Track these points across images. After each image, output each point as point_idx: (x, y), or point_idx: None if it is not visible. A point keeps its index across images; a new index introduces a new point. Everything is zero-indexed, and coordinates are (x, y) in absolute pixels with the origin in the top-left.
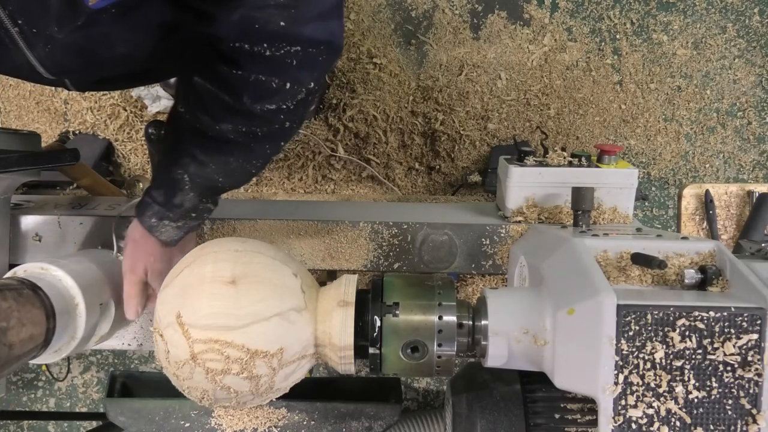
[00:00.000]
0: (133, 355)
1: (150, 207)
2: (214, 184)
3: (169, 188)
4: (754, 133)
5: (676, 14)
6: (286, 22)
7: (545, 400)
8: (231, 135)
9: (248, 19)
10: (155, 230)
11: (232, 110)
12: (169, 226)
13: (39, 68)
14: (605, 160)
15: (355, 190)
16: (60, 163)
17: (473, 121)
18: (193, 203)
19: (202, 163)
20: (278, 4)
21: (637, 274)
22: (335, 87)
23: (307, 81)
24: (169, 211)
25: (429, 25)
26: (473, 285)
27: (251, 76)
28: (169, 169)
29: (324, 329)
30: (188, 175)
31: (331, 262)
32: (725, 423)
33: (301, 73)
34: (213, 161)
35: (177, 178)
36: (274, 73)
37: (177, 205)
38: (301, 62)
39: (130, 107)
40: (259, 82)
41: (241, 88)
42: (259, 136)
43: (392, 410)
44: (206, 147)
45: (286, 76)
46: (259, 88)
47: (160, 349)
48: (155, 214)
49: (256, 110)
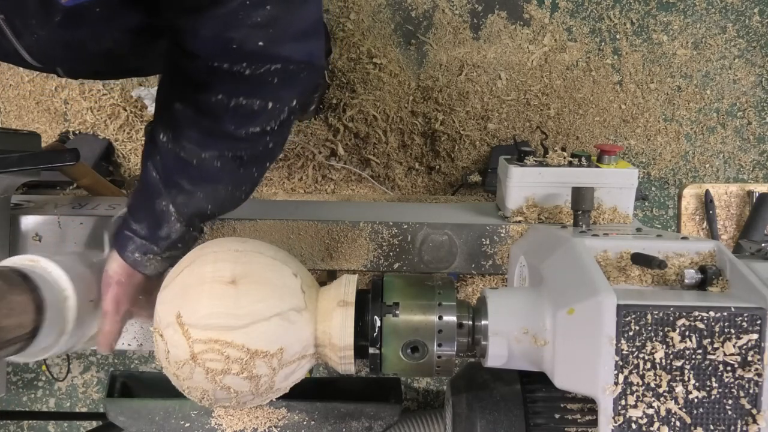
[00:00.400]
0: (133, 355)
1: (132, 241)
2: (203, 212)
3: (153, 221)
4: (754, 133)
5: (676, 14)
6: (264, 41)
7: (545, 400)
8: (217, 162)
9: (225, 39)
10: (139, 265)
11: (217, 136)
12: (154, 260)
13: (26, 57)
14: (605, 160)
15: (355, 190)
16: (60, 163)
17: (473, 121)
18: (180, 233)
19: (190, 193)
20: (255, 24)
21: (637, 274)
22: (335, 87)
23: (289, 99)
24: (154, 244)
25: (429, 25)
26: (473, 285)
27: (232, 100)
28: (152, 201)
29: (324, 329)
30: (174, 205)
31: (331, 262)
32: (725, 423)
33: (283, 91)
34: (201, 190)
35: (162, 209)
36: (255, 93)
37: (163, 237)
38: (282, 80)
39: (130, 107)
40: (239, 105)
41: (223, 114)
42: (245, 161)
43: (392, 410)
44: (192, 176)
45: (268, 96)
46: (241, 112)
47: (160, 349)
48: (138, 248)
49: (240, 135)
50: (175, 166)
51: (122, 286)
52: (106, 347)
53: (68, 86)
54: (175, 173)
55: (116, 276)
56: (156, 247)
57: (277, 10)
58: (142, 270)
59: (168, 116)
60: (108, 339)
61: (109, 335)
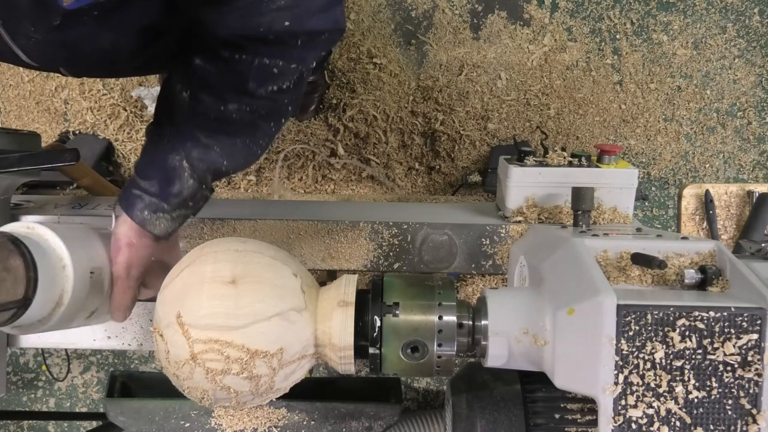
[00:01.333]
0: (133, 355)
1: (140, 199)
2: (218, 167)
3: (166, 176)
4: (754, 133)
5: (676, 14)
6: (291, 21)
7: (545, 400)
8: (235, 115)
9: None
10: (148, 224)
11: (238, 91)
12: (163, 218)
13: (24, 58)
14: (605, 160)
15: (355, 190)
16: (60, 163)
17: (473, 121)
18: (192, 190)
19: (206, 147)
20: (281, 7)
21: (637, 274)
22: (335, 87)
23: (310, 60)
24: (165, 201)
25: (429, 25)
26: (473, 285)
27: (255, 60)
28: (164, 156)
29: (324, 329)
30: (189, 160)
31: (331, 262)
32: (725, 423)
33: (306, 53)
34: (218, 143)
35: (175, 165)
36: (278, 55)
37: (175, 194)
38: (305, 43)
39: (130, 107)
40: (263, 65)
41: (245, 72)
42: (263, 115)
43: (392, 410)
44: (211, 129)
45: (291, 58)
46: (264, 72)
47: (160, 349)
48: (148, 206)
49: (261, 93)
50: (191, 120)
51: (133, 248)
52: (120, 315)
53: (68, 86)
54: (191, 127)
55: (125, 238)
56: (166, 204)
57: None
58: (152, 229)
59: (186, 70)
60: (121, 306)
61: (122, 302)
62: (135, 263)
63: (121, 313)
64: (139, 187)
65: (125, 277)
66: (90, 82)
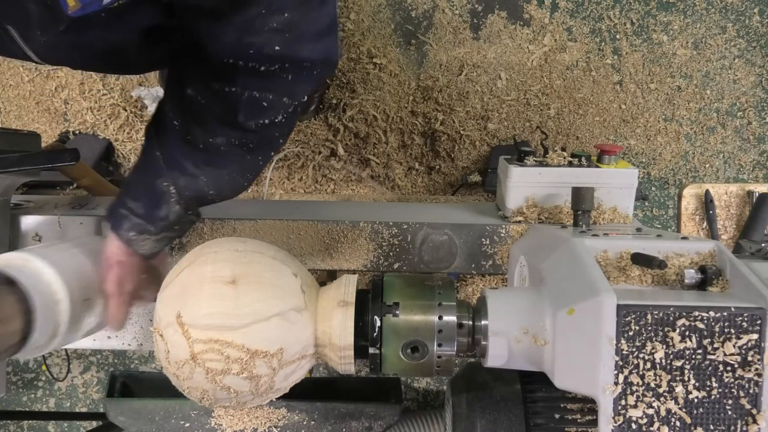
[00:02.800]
0: (133, 355)
1: (127, 219)
2: (204, 196)
3: (153, 200)
4: (754, 133)
5: (676, 14)
6: (282, 45)
7: (545, 400)
8: (224, 147)
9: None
10: (134, 244)
11: (227, 123)
12: (149, 240)
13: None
14: (605, 160)
15: (355, 190)
16: (60, 163)
17: (473, 121)
18: (177, 215)
19: (193, 176)
20: (273, 29)
21: (637, 274)
22: (335, 87)
23: (301, 94)
24: (151, 224)
25: (429, 25)
26: (473, 285)
27: (245, 93)
28: (153, 180)
29: (324, 329)
30: (176, 187)
31: (331, 262)
32: (725, 423)
33: (297, 86)
34: (204, 174)
35: (163, 190)
36: (268, 89)
37: (161, 217)
38: (296, 77)
39: (130, 107)
40: (253, 98)
41: (235, 105)
42: (252, 148)
43: (392, 410)
44: (198, 159)
45: (281, 91)
46: (254, 105)
47: (160, 349)
48: (134, 227)
49: (250, 126)
50: (180, 148)
51: (123, 266)
52: (115, 327)
53: (68, 86)
54: (179, 155)
55: (115, 256)
56: (152, 227)
57: (294, 15)
58: (137, 249)
59: (178, 99)
60: (116, 320)
61: (116, 317)
62: (126, 280)
63: (116, 326)
64: (126, 207)
65: (118, 294)
66: (90, 81)
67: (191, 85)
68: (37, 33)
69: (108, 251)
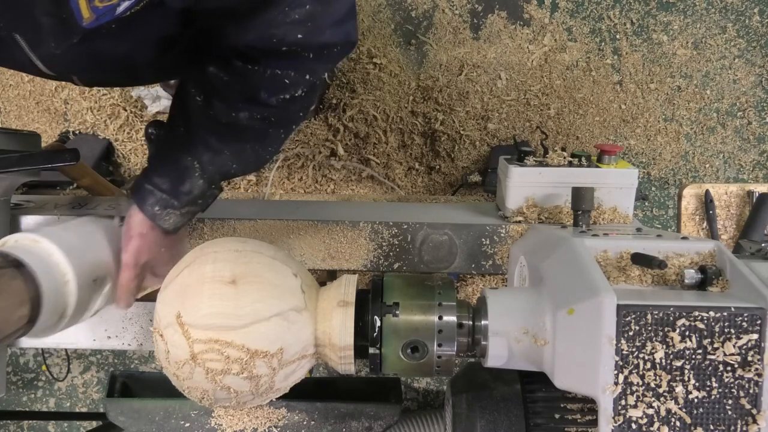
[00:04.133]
0: (133, 355)
1: (152, 195)
2: (227, 170)
3: (177, 175)
4: (754, 133)
5: (676, 14)
6: (304, 34)
7: (545, 400)
8: (246, 122)
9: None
10: (158, 218)
11: (249, 100)
12: (173, 214)
13: (42, 68)
14: (605, 160)
15: (355, 190)
16: (60, 163)
17: (473, 121)
18: (201, 190)
19: (217, 151)
20: (295, 20)
21: (637, 274)
22: (335, 87)
23: (322, 71)
24: (175, 198)
25: (429, 25)
26: (473, 285)
27: (267, 71)
28: (177, 156)
29: (324, 329)
30: (200, 162)
31: (331, 262)
32: (725, 423)
33: (317, 65)
34: (228, 148)
35: (187, 165)
36: (290, 66)
37: (185, 192)
38: (317, 56)
39: (130, 107)
40: (275, 76)
41: (257, 82)
42: (273, 122)
43: (392, 410)
44: (221, 134)
45: (303, 69)
46: (275, 82)
47: (160, 349)
48: (158, 202)
49: (272, 102)
50: (203, 124)
51: (143, 238)
52: (124, 302)
53: (68, 86)
54: (203, 131)
55: (137, 228)
56: (177, 201)
57: (315, 6)
58: (161, 223)
59: (200, 76)
60: (126, 292)
61: (127, 288)
62: (144, 252)
63: (125, 301)
64: (152, 182)
65: (133, 265)
66: None
67: (213, 63)
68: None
69: (131, 223)
